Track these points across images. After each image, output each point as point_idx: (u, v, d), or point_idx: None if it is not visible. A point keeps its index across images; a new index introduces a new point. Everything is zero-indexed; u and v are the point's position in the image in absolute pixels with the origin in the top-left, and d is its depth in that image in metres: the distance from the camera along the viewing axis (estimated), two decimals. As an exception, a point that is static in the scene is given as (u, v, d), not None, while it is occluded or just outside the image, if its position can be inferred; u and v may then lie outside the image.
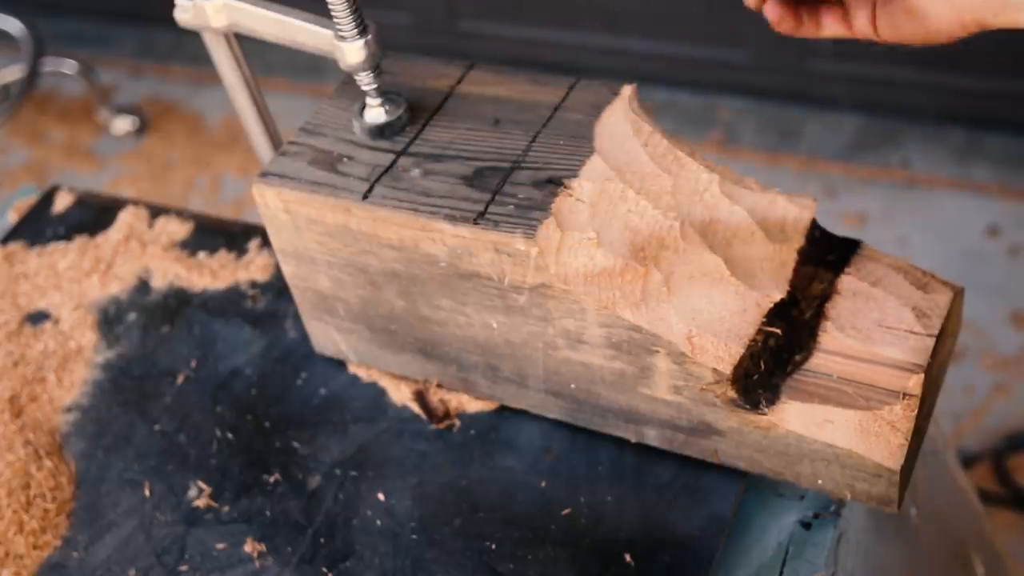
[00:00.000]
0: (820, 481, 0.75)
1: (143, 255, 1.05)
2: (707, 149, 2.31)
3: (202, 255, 1.04)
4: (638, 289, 0.73)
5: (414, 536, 0.81)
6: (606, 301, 0.73)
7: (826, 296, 0.75)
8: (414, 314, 0.83)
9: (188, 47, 2.77)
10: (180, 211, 1.08)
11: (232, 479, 0.87)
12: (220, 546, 0.83)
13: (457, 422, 0.88)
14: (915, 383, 0.70)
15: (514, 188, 0.75)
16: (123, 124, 2.70)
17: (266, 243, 1.03)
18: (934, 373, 0.73)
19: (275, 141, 0.99)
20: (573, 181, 0.75)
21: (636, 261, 0.73)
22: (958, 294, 0.75)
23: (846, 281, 0.75)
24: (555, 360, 0.79)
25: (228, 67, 0.94)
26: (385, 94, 0.82)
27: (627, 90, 0.81)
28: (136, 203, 1.10)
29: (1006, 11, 0.64)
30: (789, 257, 0.76)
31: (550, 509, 0.81)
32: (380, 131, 0.82)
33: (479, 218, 0.74)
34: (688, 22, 2.27)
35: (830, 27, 0.72)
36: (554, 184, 0.75)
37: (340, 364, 0.93)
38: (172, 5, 0.89)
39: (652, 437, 0.81)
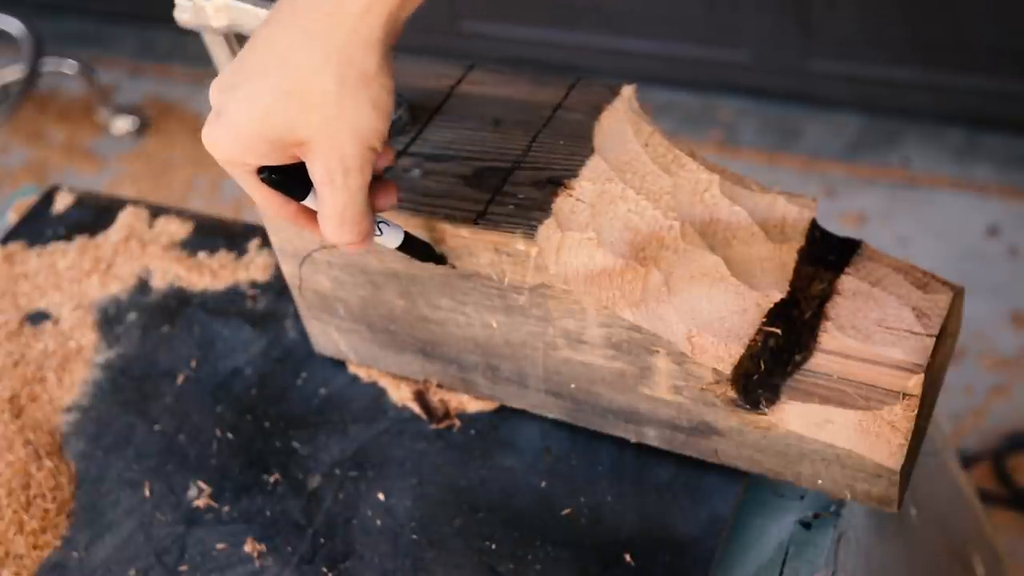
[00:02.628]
0: (820, 481, 0.75)
1: (143, 255, 1.05)
2: (707, 149, 2.31)
3: (202, 255, 1.04)
4: (638, 289, 0.73)
5: (414, 536, 0.81)
6: (606, 301, 0.73)
7: (826, 296, 0.75)
8: (414, 314, 0.83)
9: (188, 47, 2.77)
10: (180, 211, 1.08)
11: (232, 479, 0.87)
12: (220, 546, 0.83)
13: (457, 422, 0.88)
14: (915, 383, 0.70)
15: (514, 188, 0.75)
16: (123, 124, 2.70)
17: (266, 243, 1.03)
18: (934, 373, 0.73)
19: (275, 141, 0.99)
20: (573, 181, 0.75)
21: (636, 261, 0.73)
22: (958, 294, 0.75)
23: (846, 281, 0.75)
24: (555, 360, 0.79)
25: (228, 67, 0.94)
26: (385, 94, 0.82)
27: (627, 90, 0.81)
28: (136, 203, 1.10)
29: None
30: (789, 257, 0.76)
31: (550, 509, 0.81)
32: (380, 131, 0.82)
33: (479, 218, 0.74)
34: (688, 22, 2.27)
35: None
36: (554, 184, 0.75)
37: (340, 364, 0.93)
38: (172, 5, 0.89)
39: (652, 437, 0.81)
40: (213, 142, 0.64)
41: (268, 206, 0.68)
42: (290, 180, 0.65)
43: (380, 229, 0.72)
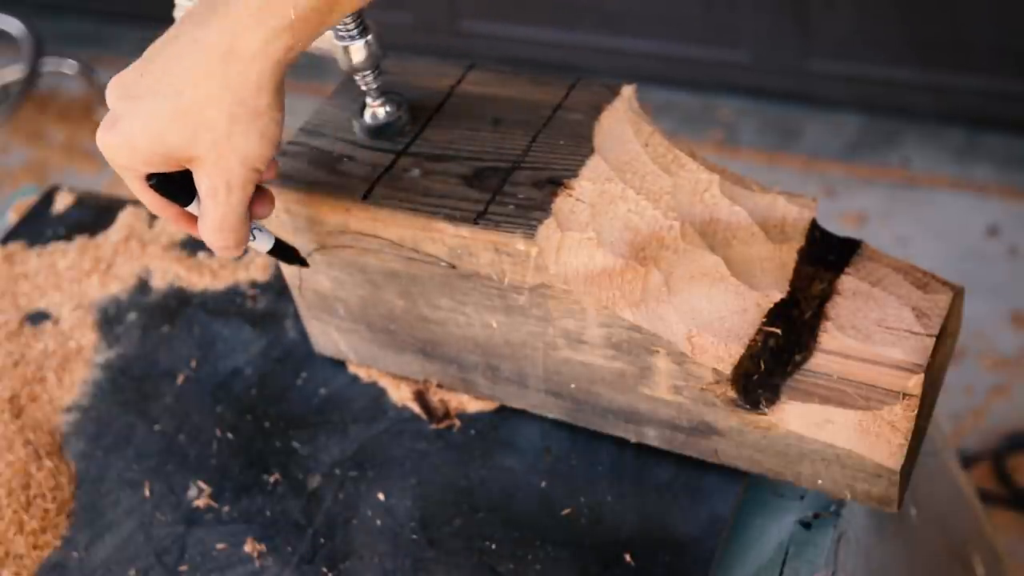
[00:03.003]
0: (820, 481, 0.75)
1: (143, 255, 1.05)
2: (707, 149, 2.31)
3: (202, 255, 1.04)
4: (638, 289, 0.73)
5: (414, 536, 0.81)
6: (606, 301, 0.73)
7: (826, 296, 0.75)
8: (414, 314, 0.83)
9: (188, 47, 2.76)
10: (180, 211, 1.08)
11: (232, 479, 0.87)
12: (220, 546, 0.83)
13: (457, 422, 0.88)
14: (915, 383, 0.70)
15: (514, 188, 0.75)
16: (123, 124, 2.69)
17: (266, 243, 1.03)
18: (934, 373, 0.73)
19: (275, 141, 0.99)
20: (573, 181, 0.75)
21: (636, 261, 0.73)
22: (958, 294, 0.75)
23: (846, 281, 0.75)
24: (555, 360, 0.79)
25: (228, 67, 0.94)
26: (385, 94, 0.82)
27: (627, 90, 0.81)
28: (136, 203, 1.10)
29: None
30: (789, 257, 0.76)
31: (550, 509, 0.81)
32: (380, 131, 0.82)
33: (479, 218, 0.74)
34: (687, 22, 2.27)
35: None
36: (554, 184, 0.75)
37: (340, 364, 0.93)
38: (172, 5, 0.89)
39: (652, 437, 0.81)
40: (108, 147, 0.68)
41: (152, 207, 0.73)
42: (175, 188, 0.70)
43: (253, 235, 0.77)
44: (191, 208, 0.72)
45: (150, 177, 0.69)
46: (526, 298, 0.76)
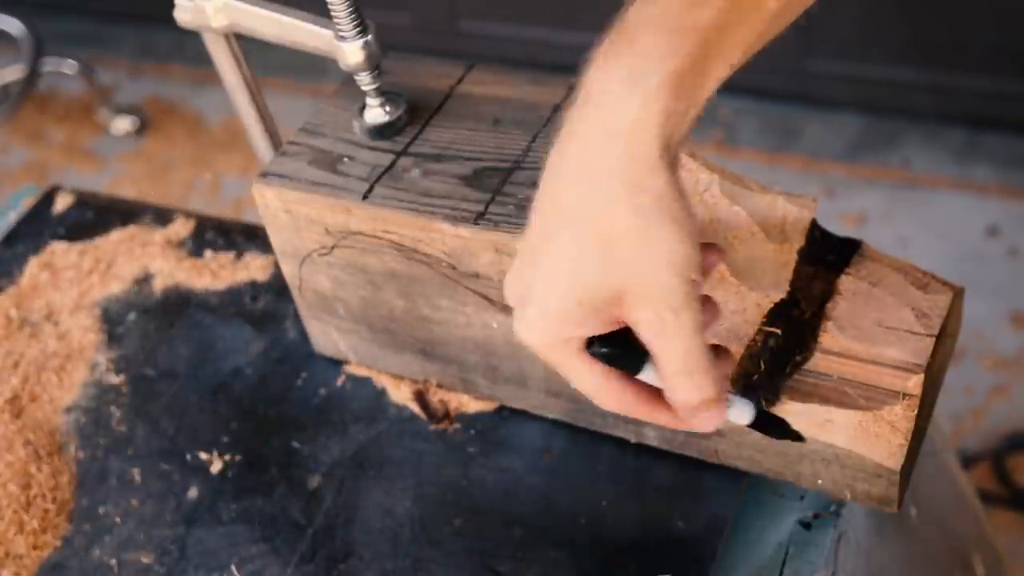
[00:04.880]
0: (820, 481, 0.75)
1: (143, 255, 1.05)
2: (707, 149, 2.31)
3: (202, 255, 1.04)
4: (638, 289, 0.73)
5: (414, 536, 0.81)
6: (606, 301, 0.73)
7: (826, 296, 0.74)
8: (414, 314, 0.83)
9: (188, 47, 2.77)
10: (180, 211, 1.08)
11: (232, 479, 0.87)
12: (220, 546, 0.83)
13: (457, 423, 0.88)
14: (915, 383, 0.70)
15: (514, 188, 0.75)
16: (123, 124, 2.70)
17: (266, 243, 1.03)
18: (934, 373, 0.73)
19: (275, 141, 0.99)
20: (573, 181, 0.75)
21: (636, 261, 0.73)
22: (958, 294, 0.74)
23: (846, 281, 0.75)
24: (555, 360, 0.79)
25: (228, 67, 0.94)
26: (385, 94, 0.82)
27: (627, 90, 0.80)
28: (136, 203, 1.10)
29: None
30: (789, 257, 0.76)
31: (550, 509, 0.81)
32: (380, 131, 0.82)
33: (479, 218, 0.74)
34: (688, 22, 2.27)
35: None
36: (554, 184, 0.75)
37: (340, 364, 0.93)
38: (172, 5, 0.89)
39: (652, 437, 0.81)
40: (528, 329, 0.59)
41: (606, 389, 0.60)
42: (622, 354, 0.58)
43: (729, 400, 0.64)
44: (645, 377, 0.59)
45: (591, 345, 0.58)
46: (526, 298, 0.76)
